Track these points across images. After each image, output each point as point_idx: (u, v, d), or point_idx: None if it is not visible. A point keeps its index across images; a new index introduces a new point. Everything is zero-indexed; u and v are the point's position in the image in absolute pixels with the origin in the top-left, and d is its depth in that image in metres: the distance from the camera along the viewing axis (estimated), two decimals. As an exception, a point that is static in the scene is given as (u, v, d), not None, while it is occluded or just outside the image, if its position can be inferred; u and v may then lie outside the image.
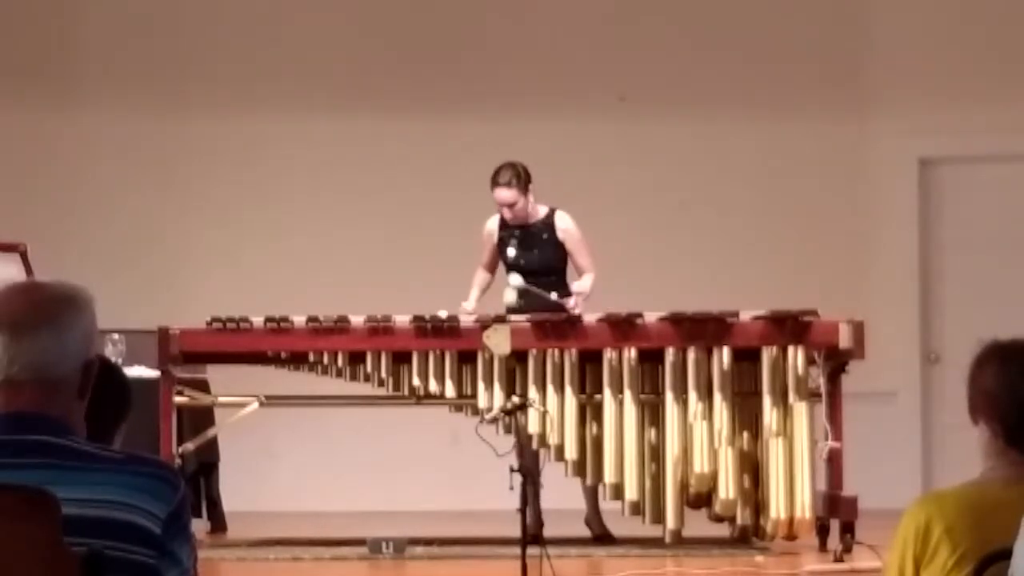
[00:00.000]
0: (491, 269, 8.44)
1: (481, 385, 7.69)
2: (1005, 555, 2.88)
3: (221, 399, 8.31)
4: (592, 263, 8.26)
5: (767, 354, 7.67)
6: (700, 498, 7.71)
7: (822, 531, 7.69)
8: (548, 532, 7.41)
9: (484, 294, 8.38)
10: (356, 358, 7.73)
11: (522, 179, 8.16)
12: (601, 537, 8.13)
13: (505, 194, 8.17)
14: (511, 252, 8.24)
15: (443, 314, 7.79)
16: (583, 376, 7.77)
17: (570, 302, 8.02)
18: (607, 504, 8.01)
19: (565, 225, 8.28)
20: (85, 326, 2.74)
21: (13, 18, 11.10)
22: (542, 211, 8.30)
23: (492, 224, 8.35)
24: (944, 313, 10.96)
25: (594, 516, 8.20)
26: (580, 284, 8.19)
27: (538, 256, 8.22)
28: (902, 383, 10.85)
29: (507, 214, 8.22)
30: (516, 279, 8.06)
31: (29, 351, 2.68)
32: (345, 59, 11.16)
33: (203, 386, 8.45)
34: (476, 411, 7.62)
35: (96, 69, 11.14)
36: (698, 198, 11.05)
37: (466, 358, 7.73)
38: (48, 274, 2.91)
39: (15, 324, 2.69)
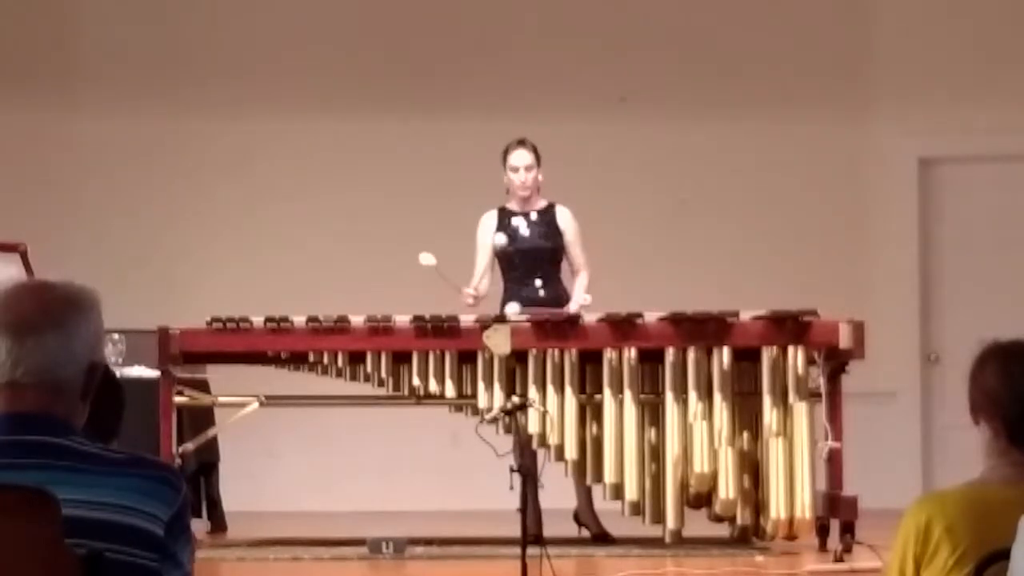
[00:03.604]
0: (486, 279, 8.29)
1: (481, 385, 7.68)
2: (1005, 555, 2.89)
3: (221, 399, 8.31)
4: (587, 261, 8.27)
5: (767, 354, 7.67)
6: (700, 498, 7.70)
7: (822, 531, 7.68)
8: (548, 532, 7.42)
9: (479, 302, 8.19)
10: (356, 358, 7.72)
11: (537, 151, 8.18)
12: (598, 536, 8.11)
13: (524, 155, 8.18)
14: (502, 240, 8.19)
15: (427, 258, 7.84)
16: (583, 376, 7.76)
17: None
18: (607, 504, 7.99)
19: (566, 218, 8.28)
20: (92, 329, 2.71)
21: (13, 18, 11.10)
22: (542, 203, 8.30)
23: (489, 219, 8.30)
24: (944, 313, 10.95)
25: (587, 510, 8.16)
26: (580, 296, 8.15)
27: (531, 246, 8.19)
28: (902, 383, 10.84)
29: (519, 179, 8.17)
30: (428, 257, 7.91)
31: (34, 354, 2.65)
32: (344, 59, 11.15)
33: (203, 386, 8.45)
34: (476, 411, 7.61)
35: (96, 70, 11.14)
36: (698, 198, 11.04)
37: (466, 358, 7.72)
38: (48, 274, 2.87)
39: (21, 326, 2.66)
